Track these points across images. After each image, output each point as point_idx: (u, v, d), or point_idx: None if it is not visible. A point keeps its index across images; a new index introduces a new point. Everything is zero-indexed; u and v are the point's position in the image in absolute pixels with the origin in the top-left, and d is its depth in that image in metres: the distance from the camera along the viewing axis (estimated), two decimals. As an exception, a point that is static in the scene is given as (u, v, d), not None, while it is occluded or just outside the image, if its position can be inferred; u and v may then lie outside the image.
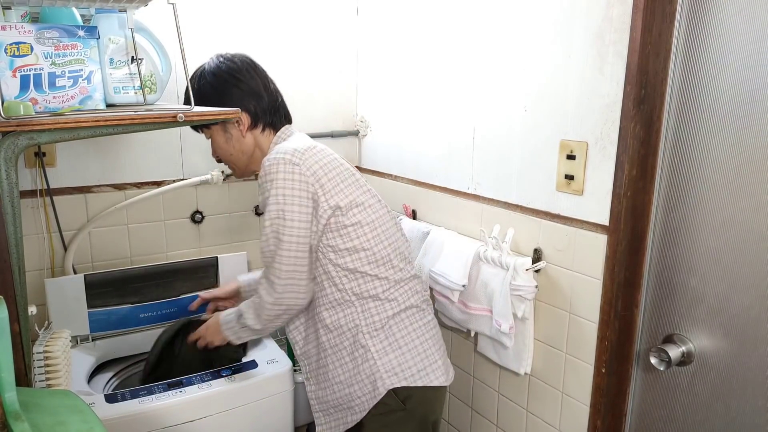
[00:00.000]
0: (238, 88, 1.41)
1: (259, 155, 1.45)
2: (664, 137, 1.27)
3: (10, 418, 0.82)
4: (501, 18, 1.54)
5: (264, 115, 1.43)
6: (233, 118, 1.44)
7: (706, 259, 1.22)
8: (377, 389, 1.32)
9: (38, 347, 1.28)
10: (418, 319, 1.38)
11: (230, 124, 1.41)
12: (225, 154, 1.48)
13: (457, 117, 1.73)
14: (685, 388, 1.29)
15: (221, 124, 1.41)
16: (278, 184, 1.28)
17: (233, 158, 1.48)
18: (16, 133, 1.10)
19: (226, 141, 1.45)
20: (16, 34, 1.19)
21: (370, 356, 1.32)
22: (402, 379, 1.32)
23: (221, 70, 1.42)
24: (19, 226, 1.13)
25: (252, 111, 1.42)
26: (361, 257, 1.33)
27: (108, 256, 1.88)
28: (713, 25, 1.16)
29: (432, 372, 1.35)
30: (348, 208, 1.32)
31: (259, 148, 1.46)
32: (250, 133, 1.43)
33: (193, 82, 1.40)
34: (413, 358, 1.34)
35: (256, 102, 1.42)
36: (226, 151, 1.47)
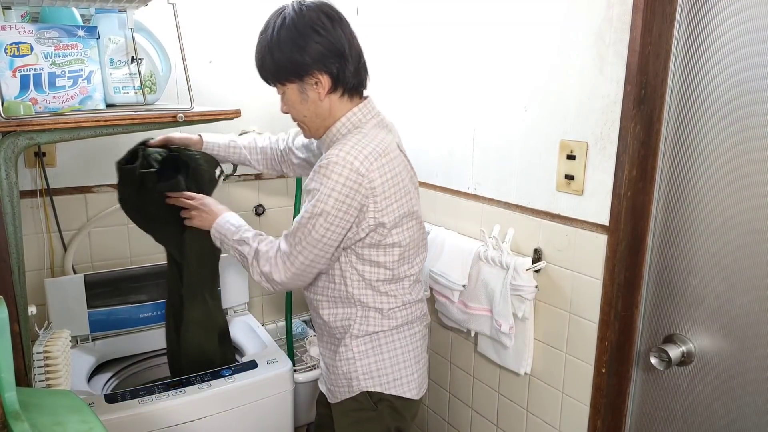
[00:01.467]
0: (321, 45, 1.21)
1: (330, 123, 1.30)
2: (664, 137, 1.27)
3: (10, 418, 0.82)
4: (501, 18, 1.54)
5: (345, 79, 1.26)
6: (232, 118, 1.44)
7: (706, 260, 1.22)
8: (352, 387, 1.36)
9: (38, 347, 1.28)
10: (407, 334, 1.40)
11: (308, 85, 1.24)
12: (298, 115, 1.32)
13: (457, 117, 1.73)
14: (685, 389, 1.29)
15: (297, 83, 1.25)
16: (334, 185, 1.19)
17: (306, 120, 1.32)
18: (16, 133, 1.10)
19: (301, 102, 1.28)
20: (16, 34, 1.19)
21: (351, 356, 1.35)
22: (377, 384, 1.36)
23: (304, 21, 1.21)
24: (19, 226, 1.13)
25: (334, 73, 1.24)
26: (380, 273, 1.32)
27: (108, 256, 1.88)
28: (713, 26, 1.16)
29: (406, 384, 1.38)
30: (391, 226, 1.27)
31: (332, 116, 1.30)
32: (328, 97, 1.26)
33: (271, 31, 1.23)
34: (391, 367, 1.37)
35: (339, 63, 1.23)
36: (299, 111, 1.30)
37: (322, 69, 1.22)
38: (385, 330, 1.36)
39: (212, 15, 1.93)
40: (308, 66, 1.21)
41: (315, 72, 1.22)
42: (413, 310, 1.40)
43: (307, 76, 1.23)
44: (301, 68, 1.22)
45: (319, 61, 1.21)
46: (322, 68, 1.22)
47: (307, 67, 1.21)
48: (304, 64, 1.21)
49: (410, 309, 1.39)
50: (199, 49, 1.91)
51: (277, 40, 1.22)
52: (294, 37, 1.20)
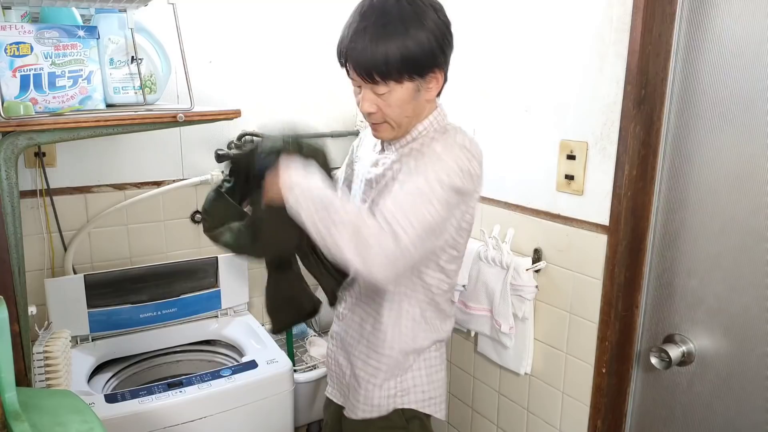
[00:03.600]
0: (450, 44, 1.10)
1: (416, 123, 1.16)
2: (664, 137, 1.27)
3: (10, 418, 0.82)
4: (501, 19, 1.54)
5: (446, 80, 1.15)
6: (232, 118, 1.44)
7: (707, 260, 1.22)
8: (386, 405, 1.28)
9: (38, 347, 1.28)
10: (442, 353, 1.34)
11: (425, 83, 1.09)
12: (400, 115, 1.11)
13: (457, 117, 1.73)
14: (685, 388, 1.29)
15: (417, 81, 1.07)
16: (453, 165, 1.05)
17: (406, 120, 1.13)
18: (16, 133, 1.10)
19: (408, 101, 1.09)
20: (16, 34, 1.19)
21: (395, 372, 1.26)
22: (412, 401, 1.29)
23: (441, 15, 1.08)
24: (19, 226, 1.13)
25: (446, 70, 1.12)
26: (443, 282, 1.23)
27: (108, 256, 1.88)
28: (713, 26, 1.16)
29: (438, 404, 1.33)
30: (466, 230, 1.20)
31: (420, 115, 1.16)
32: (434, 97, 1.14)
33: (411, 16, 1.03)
34: (428, 384, 1.30)
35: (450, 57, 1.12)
36: (403, 111, 1.11)
37: (443, 65, 1.09)
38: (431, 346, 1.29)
39: (212, 15, 1.93)
40: (436, 61, 1.06)
41: (437, 69, 1.08)
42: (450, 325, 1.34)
43: (430, 73, 1.07)
44: (429, 62, 1.06)
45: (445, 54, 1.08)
46: (443, 64, 1.09)
47: (435, 62, 1.06)
48: (434, 57, 1.06)
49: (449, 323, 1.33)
50: (199, 49, 1.91)
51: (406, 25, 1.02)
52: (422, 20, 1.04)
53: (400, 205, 1.02)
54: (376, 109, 1.11)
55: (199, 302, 1.90)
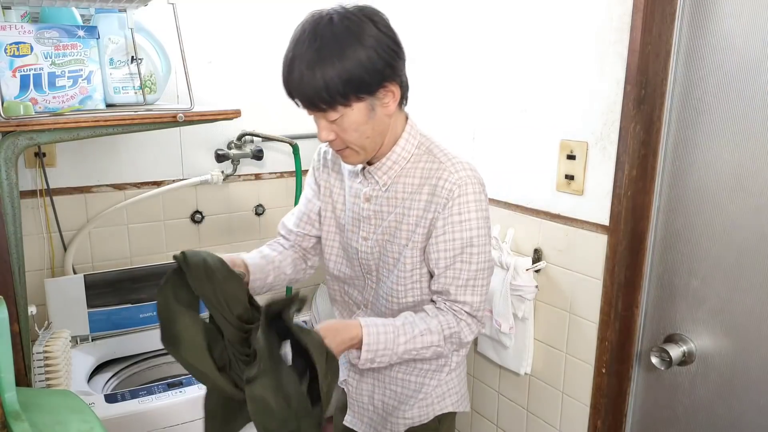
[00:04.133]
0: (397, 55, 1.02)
1: (387, 138, 1.10)
2: (664, 137, 1.27)
3: (10, 417, 0.82)
4: (501, 19, 1.54)
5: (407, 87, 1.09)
6: (232, 118, 1.43)
7: (708, 260, 1.21)
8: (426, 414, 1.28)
9: (38, 347, 1.28)
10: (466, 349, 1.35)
11: (378, 100, 1.02)
12: (359, 138, 1.05)
13: (458, 117, 1.73)
14: (686, 388, 1.29)
15: (368, 100, 1.01)
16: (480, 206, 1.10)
17: (367, 142, 1.07)
18: (16, 133, 1.10)
19: (367, 121, 1.04)
20: (16, 34, 1.19)
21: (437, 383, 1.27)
22: (449, 405, 1.30)
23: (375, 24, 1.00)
24: (19, 226, 1.13)
25: (403, 82, 1.06)
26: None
27: (108, 256, 1.88)
28: (714, 26, 1.16)
29: (466, 399, 1.35)
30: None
31: (390, 130, 1.10)
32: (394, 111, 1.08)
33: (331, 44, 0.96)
34: (458, 385, 1.32)
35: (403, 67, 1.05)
36: (362, 133, 1.05)
37: (395, 78, 1.02)
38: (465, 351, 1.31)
39: (212, 15, 1.93)
40: (384, 76, 1.00)
41: (389, 84, 1.02)
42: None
43: (380, 89, 1.01)
44: (376, 79, 0.99)
45: (393, 68, 1.01)
46: (395, 77, 1.02)
47: (382, 77, 1.00)
48: (379, 73, 0.99)
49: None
50: (199, 49, 1.91)
51: (341, 47, 0.96)
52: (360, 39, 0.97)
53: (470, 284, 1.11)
54: (334, 136, 1.06)
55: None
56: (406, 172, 1.13)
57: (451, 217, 1.08)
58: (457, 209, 1.08)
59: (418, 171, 1.12)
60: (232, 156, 1.95)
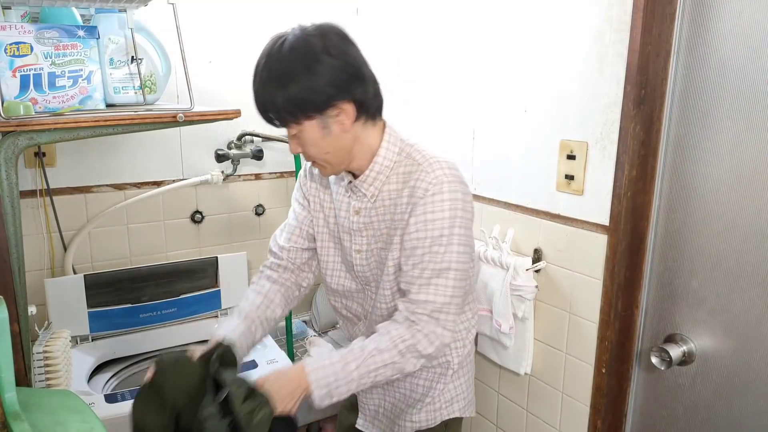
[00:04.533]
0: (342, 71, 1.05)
1: (358, 152, 1.14)
2: (664, 137, 1.27)
3: (10, 418, 0.82)
4: (501, 18, 1.54)
5: (368, 104, 1.10)
6: (232, 118, 1.43)
7: (708, 260, 1.21)
8: (433, 419, 1.30)
9: (38, 347, 1.28)
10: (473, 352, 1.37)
11: (330, 118, 1.06)
12: (319, 153, 1.12)
13: (457, 117, 1.73)
14: (686, 388, 1.29)
15: (319, 118, 1.06)
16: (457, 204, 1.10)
17: (329, 156, 1.12)
18: (16, 133, 1.10)
19: (323, 137, 1.09)
20: (16, 34, 1.19)
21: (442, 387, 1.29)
22: (456, 410, 1.32)
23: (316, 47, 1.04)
24: (19, 226, 1.13)
25: (357, 99, 1.07)
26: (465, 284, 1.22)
27: (108, 256, 1.88)
28: (714, 26, 1.16)
29: (472, 405, 1.37)
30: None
31: (360, 144, 1.13)
32: (353, 127, 1.10)
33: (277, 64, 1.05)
34: (466, 390, 1.34)
35: (360, 88, 1.07)
36: (320, 149, 1.11)
37: (346, 96, 1.05)
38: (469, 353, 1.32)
39: (212, 15, 1.93)
40: (330, 96, 1.04)
41: (338, 102, 1.05)
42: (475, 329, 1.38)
43: (329, 107, 1.05)
44: (321, 99, 1.04)
45: (341, 88, 1.04)
46: (346, 96, 1.05)
47: (329, 97, 1.04)
48: (324, 94, 1.03)
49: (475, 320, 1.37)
50: (199, 49, 1.91)
51: (287, 70, 1.03)
52: (306, 62, 1.02)
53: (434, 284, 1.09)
54: (301, 150, 1.13)
55: (199, 302, 1.90)
56: (390, 179, 1.15)
57: (424, 215, 1.09)
58: (430, 207, 1.09)
59: (400, 176, 1.14)
60: (232, 156, 1.95)
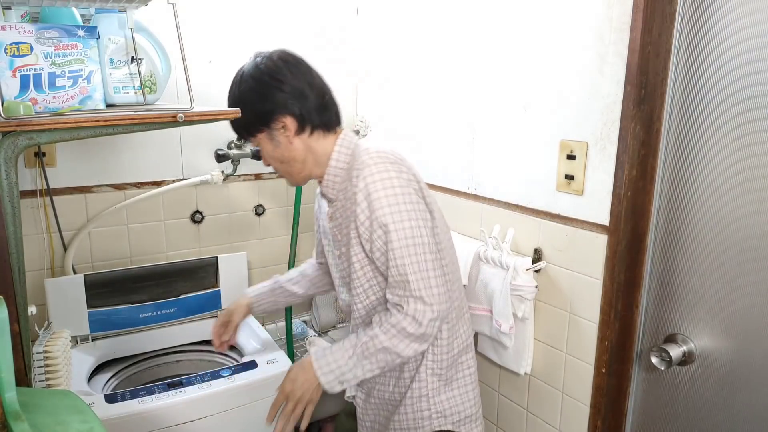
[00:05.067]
0: (280, 90, 1.23)
1: (312, 162, 1.28)
2: (664, 137, 1.27)
3: (10, 418, 0.82)
4: (501, 18, 1.54)
5: (311, 117, 1.25)
6: (233, 117, 1.44)
7: (708, 260, 1.22)
8: (423, 428, 1.30)
9: (38, 347, 1.28)
10: (472, 364, 1.36)
11: (276, 131, 1.25)
12: (275, 163, 1.31)
13: (457, 117, 1.73)
14: (686, 388, 1.29)
15: (266, 131, 1.26)
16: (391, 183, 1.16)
17: (284, 167, 1.30)
18: (16, 133, 1.10)
19: (274, 149, 1.27)
20: (16, 34, 1.19)
21: (425, 392, 1.29)
22: (449, 423, 1.30)
23: (260, 71, 1.25)
24: (19, 226, 1.13)
25: (297, 113, 1.23)
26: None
27: (108, 256, 1.88)
28: (714, 26, 1.16)
29: (474, 420, 1.34)
30: (438, 221, 1.25)
31: (312, 153, 1.27)
32: (298, 138, 1.25)
33: (234, 88, 1.28)
34: (463, 404, 1.32)
35: (300, 103, 1.24)
36: (275, 159, 1.30)
37: (285, 111, 1.23)
38: (457, 355, 1.31)
39: (212, 15, 1.93)
40: (271, 112, 1.23)
41: (278, 116, 1.23)
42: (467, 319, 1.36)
43: (272, 122, 1.24)
44: (264, 115, 1.24)
45: (281, 105, 1.23)
46: (285, 111, 1.23)
47: (270, 113, 1.23)
48: (266, 111, 1.23)
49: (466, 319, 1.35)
50: (199, 49, 1.91)
51: (240, 95, 1.26)
52: (253, 87, 1.24)
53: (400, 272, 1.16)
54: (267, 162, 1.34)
55: (199, 302, 1.90)
56: (346, 181, 1.25)
57: (373, 212, 1.17)
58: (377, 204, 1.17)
59: (351, 177, 1.23)
60: (232, 156, 1.95)
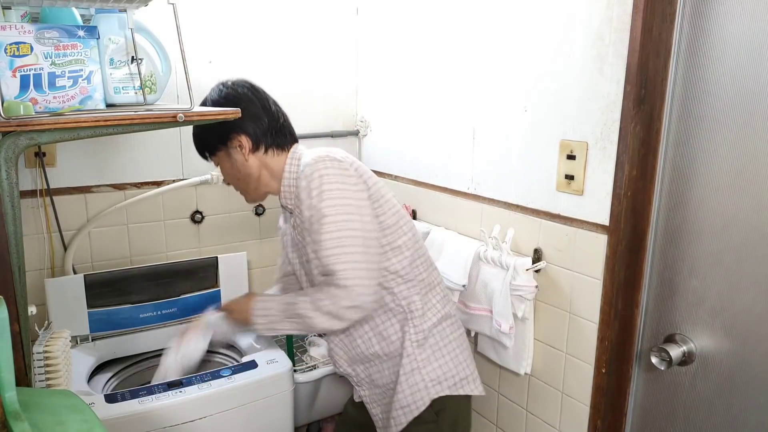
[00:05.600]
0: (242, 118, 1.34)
1: (268, 177, 1.41)
2: (664, 137, 1.27)
3: (10, 417, 0.82)
4: (501, 18, 1.54)
5: (265, 137, 1.38)
6: (233, 117, 1.44)
7: (708, 260, 1.22)
8: (421, 399, 1.33)
9: (38, 347, 1.28)
10: (455, 329, 1.41)
11: (233, 149, 1.38)
12: (233, 180, 1.46)
13: (457, 117, 1.73)
14: (686, 388, 1.29)
15: (225, 150, 1.40)
16: (329, 179, 1.24)
17: (241, 183, 1.44)
18: (16, 133, 1.10)
19: (232, 166, 1.41)
20: (16, 34, 1.19)
21: (416, 365, 1.33)
22: (445, 388, 1.34)
23: (222, 96, 1.39)
24: (19, 226, 1.13)
25: (251, 133, 1.37)
26: (404, 259, 1.33)
27: (108, 256, 1.88)
28: (714, 26, 1.16)
29: (472, 381, 1.38)
30: (387, 207, 1.32)
31: (267, 169, 1.40)
32: (254, 155, 1.38)
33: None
34: (456, 367, 1.36)
35: (255, 124, 1.38)
36: (233, 176, 1.44)
37: (239, 131, 1.36)
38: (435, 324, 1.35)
39: (212, 15, 1.93)
40: (227, 131, 1.36)
41: (234, 135, 1.36)
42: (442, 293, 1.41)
43: (229, 140, 1.37)
44: (222, 134, 1.37)
45: (236, 125, 1.34)
46: (239, 130, 1.36)
47: (226, 132, 1.36)
48: (224, 131, 1.37)
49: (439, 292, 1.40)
50: (199, 49, 1.91)
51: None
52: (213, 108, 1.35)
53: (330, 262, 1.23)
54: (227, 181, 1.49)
55: (199, 302, 1.90)
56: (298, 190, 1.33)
57: (310, 200, 1.26)
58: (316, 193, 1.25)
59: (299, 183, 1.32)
60: (232, 156, 1.95)
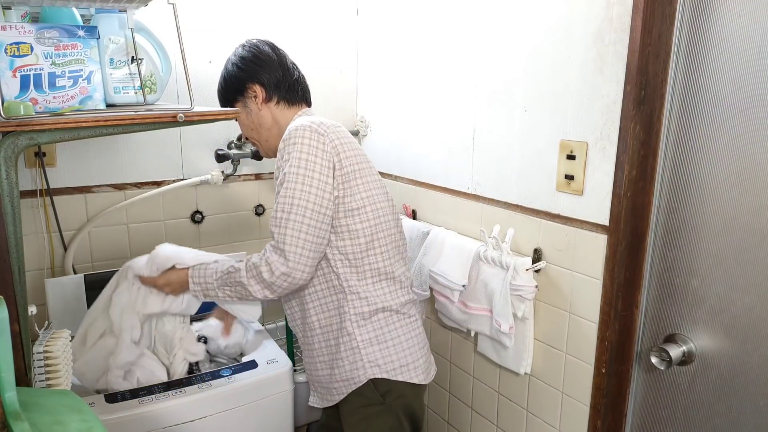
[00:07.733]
0: (256, 65, 1.45)
1: (277, 132, 1.47)
2: (664, 137, 1.27)
3: (10, 417, 0.82)
4: (501, 18, 1.54)
5: (278, 89, 1.46)
6: (233, 117, 1.45)
7: (708, 260, 1.22)
8: (358, 377, 1.36)
9: (38, 347, 1.28)
10: (405, 324, 1.42)
11: (249, 99, 1.46)
12: (248, 130, 1.52)
13: (457, 117, 1.73)
14: (686, 388, 1.29)
15: (242, 101, 1.47)
16: (302, 149, 1.30)
17: (254, 133, 1.51)
18: (16, 133, 1.10)
19: (247, 116, 1.48)
20: (16, 34, 1.19)
21: (356, 344, 1.36)
22: (384, 372, 1.37)
23: (244, 50, 1.47)
24: (19, 226, 1.13)
25: (265, 83, 1.45)
26: (357, 245, 1.35)
27: (108, 256, 1.88)
28: (714, 26, 1.16)
29: (413, 369, 1.40)
30: (357, 191, 1.35)
31: (276, 124, 1.47)
32: (266, 106, 1.46)
33: (226, 64, 1.50)
34: (396, 354, 1.38)
35: (270, 75, 1.45)
36: (248, 126, 1.51)
37: (254, 80, 1.44)
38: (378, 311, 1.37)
39: (212, 15, 1.93)
40: (244, 80, 1.45)
41: (249, 84, 1.45)
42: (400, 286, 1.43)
43: (245, 89, 1.45)
44: (239, 83, 1.46)
45: (252, 75, 1.44)
46: (254, 80, 1.44)
47: (243, 81, 1.45)
48: (241, 79, 1.45)
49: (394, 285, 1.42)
50: (199, 49, 1.91)
51: (225, 69, 1.50)
52: (236, 62, 1.47)
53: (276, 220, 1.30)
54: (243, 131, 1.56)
55: (198, 302, 1.90)
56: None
57: (281, 162, 1.34)
58: (287, 157, 1.31)
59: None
60: (232, 156, 1.95)
